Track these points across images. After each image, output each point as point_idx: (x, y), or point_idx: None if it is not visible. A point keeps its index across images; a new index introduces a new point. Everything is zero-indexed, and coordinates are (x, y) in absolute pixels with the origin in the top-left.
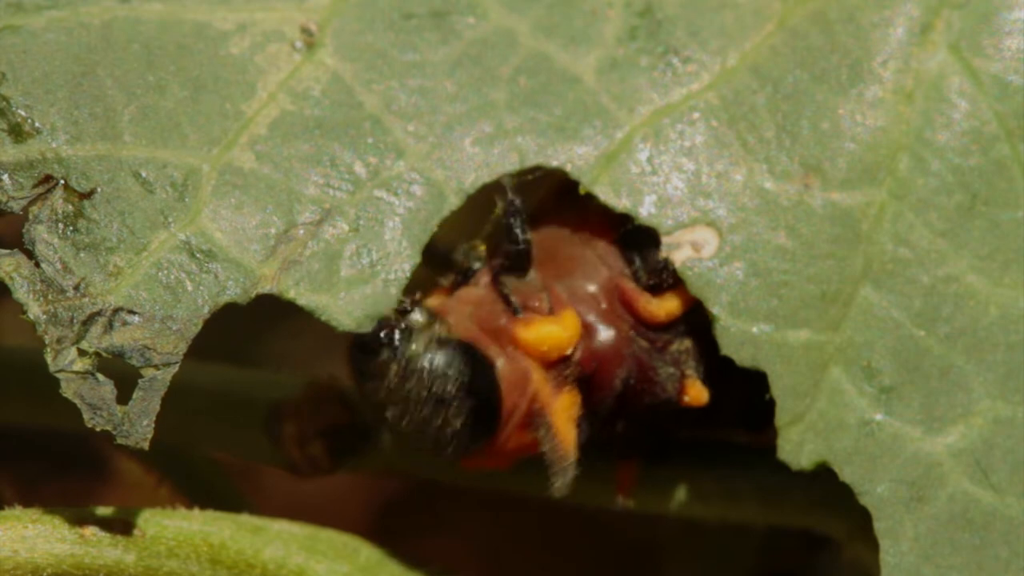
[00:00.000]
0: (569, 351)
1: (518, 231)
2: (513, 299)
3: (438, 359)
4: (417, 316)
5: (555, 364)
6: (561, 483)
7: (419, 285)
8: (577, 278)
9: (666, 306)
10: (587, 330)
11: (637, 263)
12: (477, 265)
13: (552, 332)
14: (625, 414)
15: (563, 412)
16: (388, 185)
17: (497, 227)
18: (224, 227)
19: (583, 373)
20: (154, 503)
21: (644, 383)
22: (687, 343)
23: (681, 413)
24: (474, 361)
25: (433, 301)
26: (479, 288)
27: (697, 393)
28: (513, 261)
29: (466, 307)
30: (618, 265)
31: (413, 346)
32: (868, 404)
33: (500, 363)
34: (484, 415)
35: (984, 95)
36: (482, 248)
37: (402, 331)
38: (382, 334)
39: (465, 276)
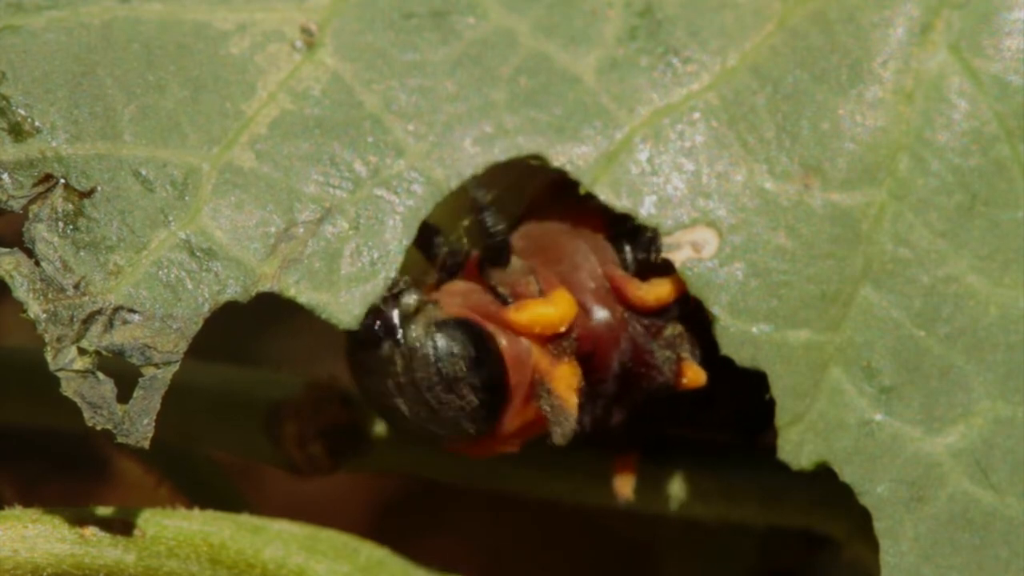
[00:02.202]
0: (563, 328)
1: (490, 224)
2: (501, 289)
3: (441, 339)
4: (410, 299)
5: (552, 339)
6: (560, 433)
7: (406, 272)
8: (567, 265)
9: (655, 292)
10: (582, 310)
11: (627, 252)
12: (459, 259)
13: (544, 312)
14: (624, 400)
15: (564, 380)
16: (388, 184)
17: (474, 222)
18: (224, 226)
19: (581, 352)
20: (154, 503)
21: (642, 366)
22: (680, 328)
23: (677, 405)
24: (477, 336)
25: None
26: (465, 282)
27: (695, 375)
28: (492, 253)
29: (455, 298)
30: (609, 255)
31: (413, 330)
32: (868, 404)
33: (501, 339)
34: (494, 390)
35: (984, 95)
36: (463, 242)
37: (399, 316)
38: (378, 324)
39: (450, 272)
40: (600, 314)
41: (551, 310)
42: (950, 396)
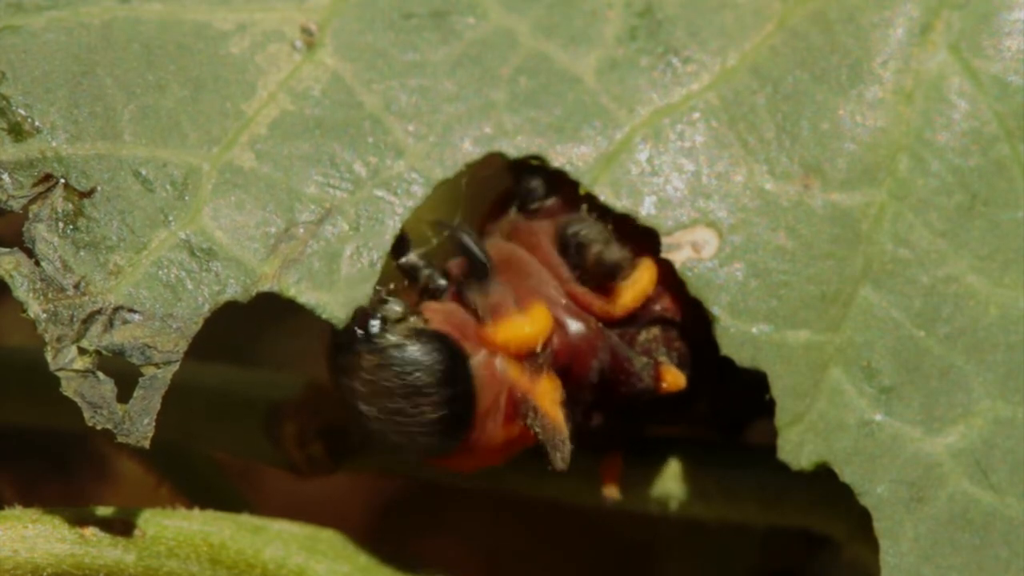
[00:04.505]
0: (540, 345)
1: (474, 248)
2: (479, 310)
3: (412, 349)
4: (396, 307)
5: (530, 355)
6: (559, 457)
7: (391, 278)
8: (535, 280)
9: (619, 302)
10: (557, 324)
11: (578, 267)
12: (442, 283)
13: (522, 328)
14: (606, 406)
15: (547, 395)
16: (388, 184)
17: (452, 243)
18: (224, 226)
19: (559, 364)
20: (154, 503)
21: (620, 373)
22: (654, 331)
23: (655, 404)
24: (449, 353)
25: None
26: (444, 303)
27: (674, 378)
28: (477, 276)
29: (437, 315)
30: (563, 270)
31: (389, 336)
32: (868, 404)
33: (475, 358)
34: (459, 408)
35: (984, 95)
36: (444, 268)
37: (381, 321)
38: (358, 325)
39: (431, 294)
40: (575, 326)
41: (527, 328)
42: (950, 396)
